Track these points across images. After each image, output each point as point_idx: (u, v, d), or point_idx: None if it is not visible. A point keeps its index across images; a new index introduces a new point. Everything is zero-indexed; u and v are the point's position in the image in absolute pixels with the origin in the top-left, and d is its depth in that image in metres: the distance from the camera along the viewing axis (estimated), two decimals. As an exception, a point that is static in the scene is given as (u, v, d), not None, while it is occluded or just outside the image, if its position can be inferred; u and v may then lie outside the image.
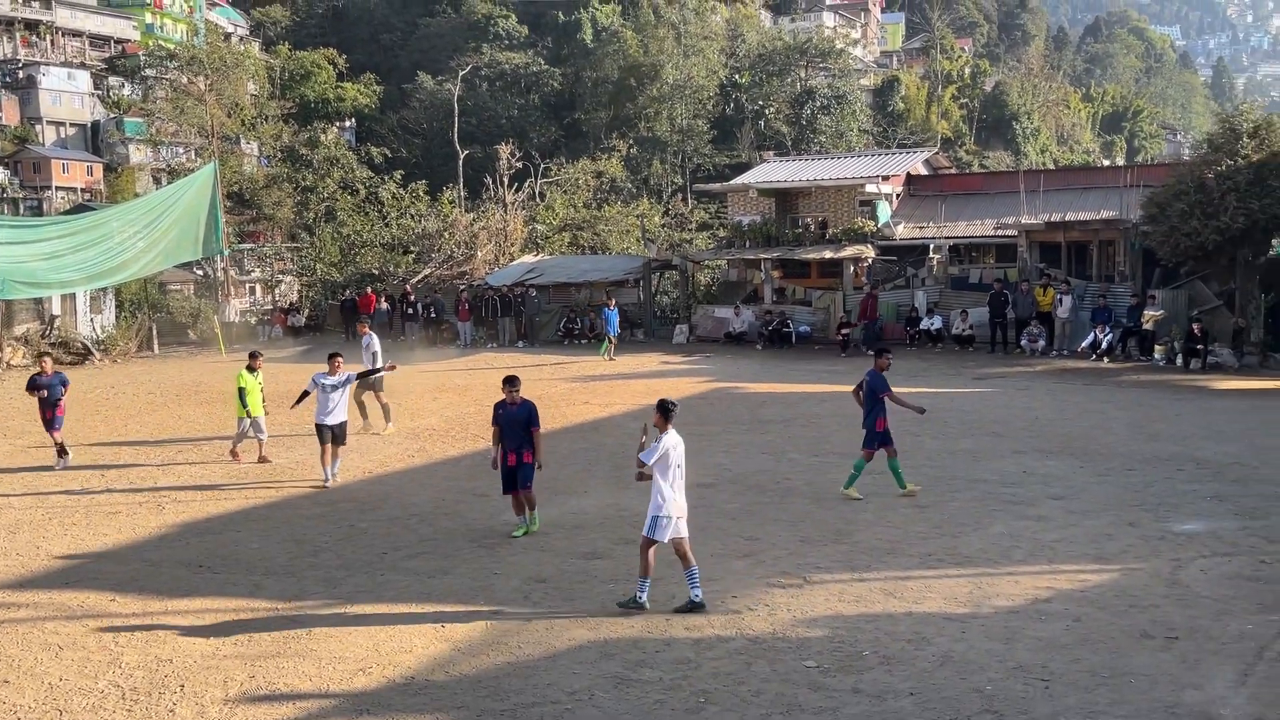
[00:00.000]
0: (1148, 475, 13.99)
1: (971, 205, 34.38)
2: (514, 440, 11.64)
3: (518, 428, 11.66)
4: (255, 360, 16.35)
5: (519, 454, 11.61)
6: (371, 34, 75.77)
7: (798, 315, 31.84)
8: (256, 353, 16.87)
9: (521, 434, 11.64)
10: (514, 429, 11.66)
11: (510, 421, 11.68)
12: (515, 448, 11.63)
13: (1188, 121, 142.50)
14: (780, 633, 8.61)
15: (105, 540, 11.89)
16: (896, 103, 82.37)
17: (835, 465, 14.98)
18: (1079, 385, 22.50)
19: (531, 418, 11.69)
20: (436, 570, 10.52)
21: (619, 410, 20.40)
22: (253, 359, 16.41)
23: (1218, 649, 8.03)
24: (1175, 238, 25.19)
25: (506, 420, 11.67)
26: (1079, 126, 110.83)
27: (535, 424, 11.73)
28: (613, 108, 62.58)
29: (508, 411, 11.69)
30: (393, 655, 8.32)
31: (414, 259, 41.22)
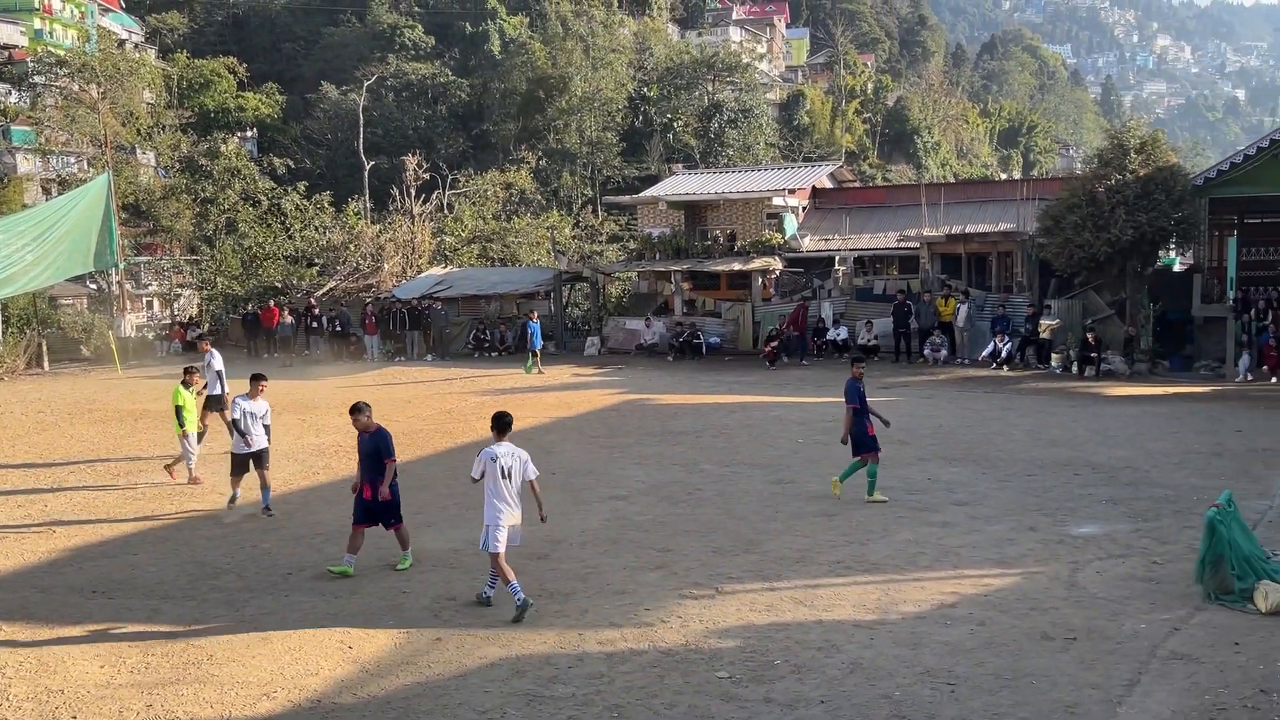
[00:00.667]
0: (1046, 480, 14.39)
1: (875, 218, 35.10)
2: (368, 471, 10.73)
3: (368, 457, 10.74)
4: (191, 376, 15.92)
5: (374, 487, 10.69)
6: (273, 43, 74.28)
7: (708, 326, 32.09)
8: (192, 368, 16.35)
9: (374, 464, 10.70)
10: (366, 460, 10.76)
11: (361, 451, 10.81)
12: (370, 480, 10.72)
13: (1079, 137, 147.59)
14: (693, 644, 8.63)
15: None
16: (802, 117, 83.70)
17: (746, 475, 15.11)
18: (980, 393, 23.08)
19: (380, 448, 10.70)
20: (344, 590, 10.30)
21: (530, 423, 20.26)
22: (188, 374, 15.93)
23: (1113, 649, 8.29)
24: (1069, 249, 26.04)
25: (360, 450, 10.83)
26: (977, 141, 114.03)
27: (388, 454, 10.72)
28: (521, 119, 62.37)
29: (359, 441, 10.85)
30: (298, 678, 8.12)
31: (319, 272, 40.48)
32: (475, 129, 64.17)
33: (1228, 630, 8.59)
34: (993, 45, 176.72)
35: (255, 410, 13.52)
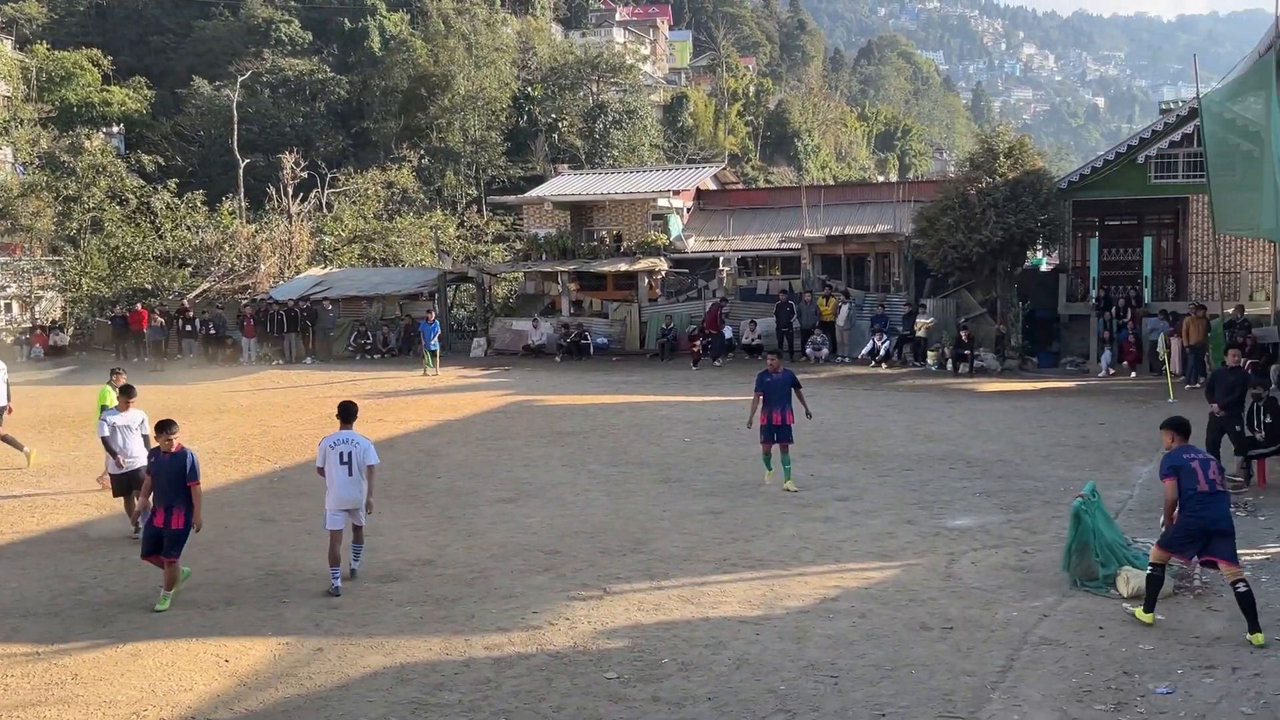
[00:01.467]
0: (924, 475, 14.81)
1: (758, 219, 35.65)
2: (165, 495, 9.84)
3: (170, 481, 9.86)
4: (117, 377, 15.04)
5: (169, 513, 9.79)
6: (141, 35, 71.45)
7: (595, 327, 32.12)
8: (118, 369, 15.58)
9: (174, 489, 9.81)
10: (165, 482, 9.88)
11: (160, 473, 9.93)
12: (166, 504, 9.81)
13: (952, 141, 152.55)
14: (581, 646, 8.61)
15: None
16: (686, 119, 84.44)
17: (634, 475, 15.15)
18: (860, 390, 23.64)
19: (186, 470, 9.87)
20: (219, 601, 9.96)
21: (414, 427, 19.97)
22: (115, 375, 15.12)
23: (987, 636, 8.57)
24: (943, 250, 26.85)
25: (157, 471, 9.98)
26: (855, 144, 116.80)
27: (193, 477, 9.91)
28: (403, 117, 61.37)
29: (159, 461, 9.97)
30: (170, 695, 7.81)
31: (192, 273, 39.15)
32: (355, 127, 62.88)
33: (1093, 615, 8.97)
34: (869, 50, 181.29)
35: (129, 423, 12.58)
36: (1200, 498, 8.56)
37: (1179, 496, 8.62)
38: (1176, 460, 8.78)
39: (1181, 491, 8.63)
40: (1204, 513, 8.54)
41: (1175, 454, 8.88)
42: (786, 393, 14.09)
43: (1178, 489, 8.63)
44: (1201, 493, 8.57)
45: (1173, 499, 8.66)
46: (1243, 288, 28.60)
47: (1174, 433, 9.07)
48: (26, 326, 41.26)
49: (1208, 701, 7.17)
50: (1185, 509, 8.62)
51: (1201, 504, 8.55)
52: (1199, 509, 8.55)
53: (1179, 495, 8.62)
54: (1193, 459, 8.79)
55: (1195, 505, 8.56)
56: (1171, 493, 8.67)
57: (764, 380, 14.17)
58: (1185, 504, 8.63)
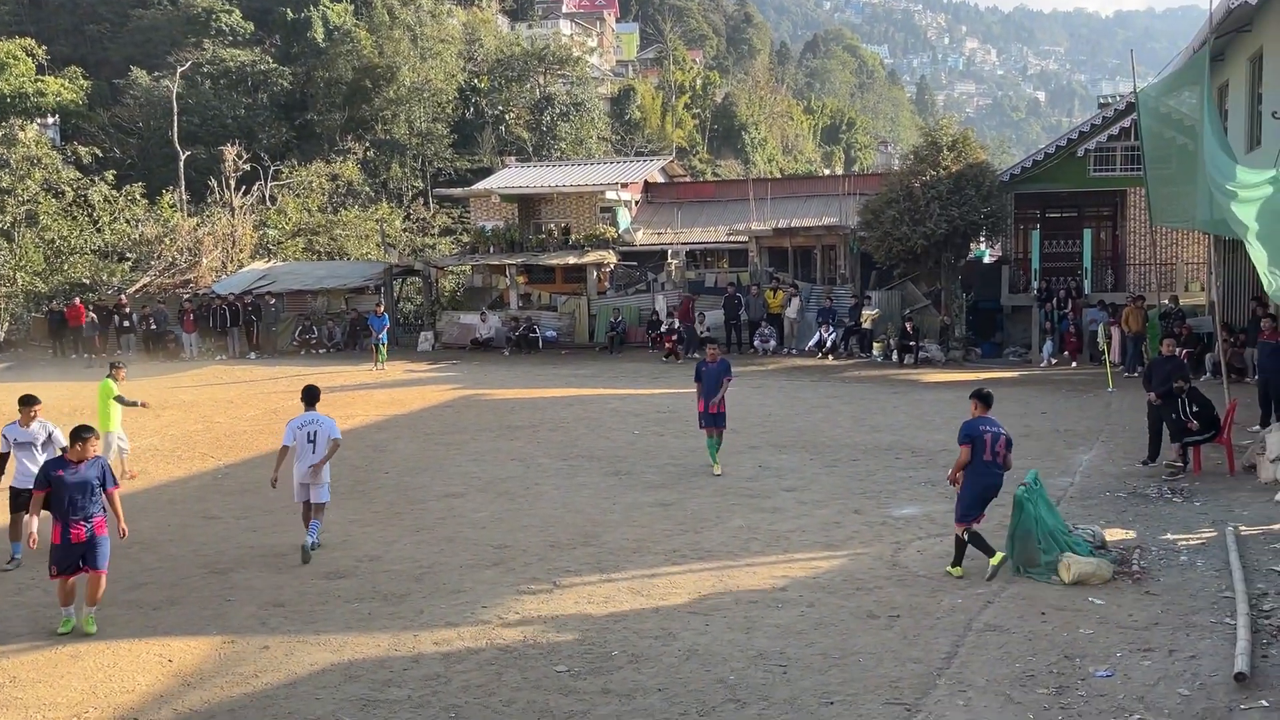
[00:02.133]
0: (870, 465, 14.98)
1: (706, 212, 35.73)
2: (81, 507, 8.88)
3: (87, 490, 8.94)
4: (117, 371, 15.49)
5: (89, 523, 8.88)
6: (76, 24, 69.77)
7: (544, 320, 32.03)
8: (117, 363, 16.07)
9: (92, 498, 8.97)
10: (80, 492, 8.89)
11: (73, 484, 8.90)
12: (84, 516, 8.87)
13: (897, 134, 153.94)
14: (531, 639, 8.59)
15: None
16: (633, 111, 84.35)
17: (584, 469, 15.15)
18: (807, 382, 23.82)
19: (105, 477, 9.09)
20: (163, 601, 9.80)
21: (360, 422, 19.78)
22: (114, 369, 15.56)
23: (933, 624, 8.70)
24: (888, 242, 27.12)
25: (68, 483, 8.91)
26: (802, 137, 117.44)
27: (113, 483, 9.17)
28: (348, 109, 60.56)
29: (70, 472, 8.94)
30: (112, 696, 7.68)
31: (131, 267, 38.36)
32: (299, 119, 61.97)
33: (1035, 601, 9.13)
34: (815, 44, 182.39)
35: (31, 438, 11.25)
36: (985, 466, 9.90)
37: (969, 461, 9.88)
38: (974, 430, 9.97)
39: (972, 458, 9.88)
40: (986, 479, 9.93)
41: (974, 424, 10.06)
42: (719, 382, 14.65)
43: (970, 455, 9.89)
44: (986, 461, 9.89)
45: (964, 462, 9.93)
46: (1179, 279, 29.27)
47: (979, 402, 10.27)
48: (-41, 322, 40.22)
49: (1146, 683, 7.33)
50: (971, 474, 9.91)
51: (985, 470, 9.92)
52: (983, 474, 9.91)
53: (970, 460, 9.88)
54: (986, 431, 9.97)
55: (980, 470, 9.90)
56: (964, 457, 9.93)
57: (700, 369, 14.89)
58: (972, 470, 9.90)
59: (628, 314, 31.38)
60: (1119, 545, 10.52)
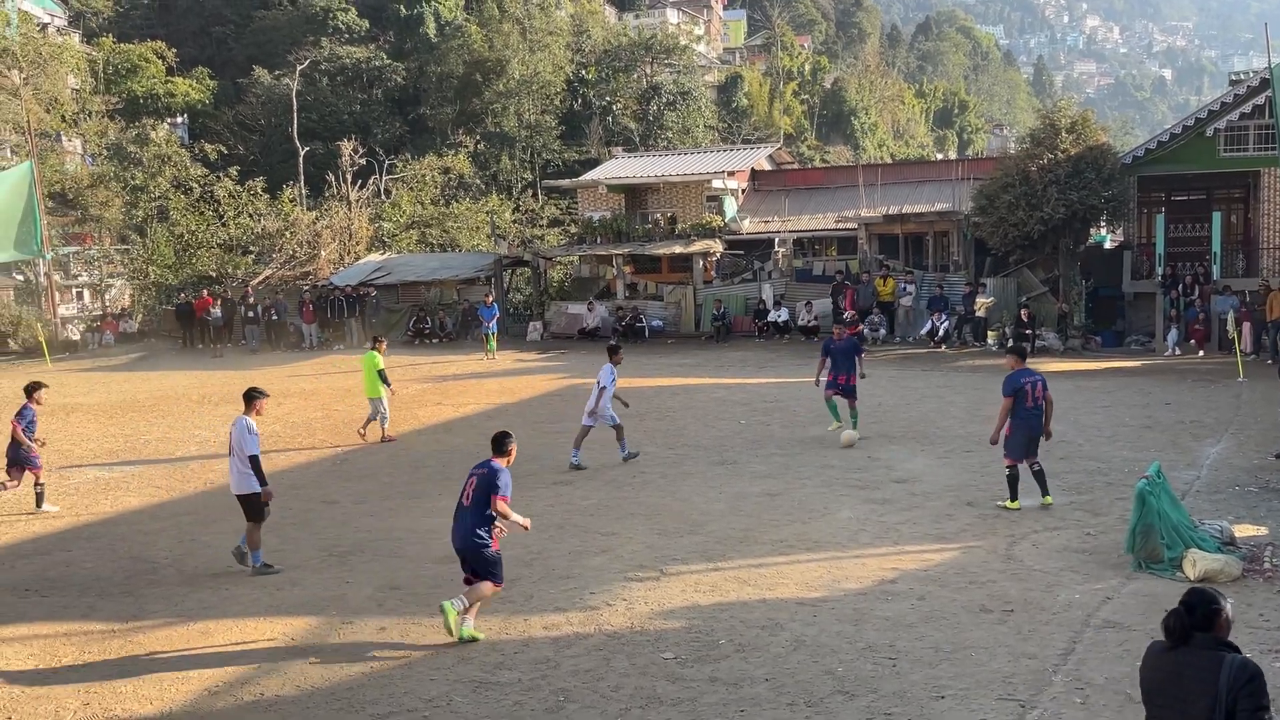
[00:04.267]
0: (984, 456, 14.63)
1: (814, 199, 35.35)
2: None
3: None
4: (380, 345, 17.66)
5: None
6: (203, 26, 72.60)
7: (650, 310, 32.14)
8: (379, 337, 18.40)
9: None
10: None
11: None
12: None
13: (1013, 117, 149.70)
14: (638, 626, 8.67)
15: (-82, 568, 11.07)
16: (740, 99, 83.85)
17: (690, 458, 15.18)
18: (918, 371, 23.41)
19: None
20: (285, 582, 10.18)
21: (472, 410, 20.18)
22: (377, 343, 17.76)
23: (1049, 619, 8.48)
24: (1003, 228, 26.46)
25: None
26: (913, 121, 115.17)
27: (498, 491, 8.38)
28: (459, 103, 61.67)
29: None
30: (240, 671, 8.02)
31: (254, 259, 39.78)
32: (412, 113, 63.37)
33: (1158, 598, 8.82)
34: (927, 26, 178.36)
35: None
36: (1027, 412, 11.50)
37: (1013, 410, 11.44)
38: (1017, 382, 11.49)
39: (1015, 407, 11.43)
40: (1031, 422, 11.50)
41: (1016, 376, 11.56)
42: (850, 358, 15.93)
43: (1014, 405, 11.44)
44: (1028, 409, 11.49)
45: (1006, 410, 11.49)
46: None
47: (1015, 357, 11.98)
48: (97, 314, 42.34)
49: (1276, 686, 7.02)
50: (1016, 421, 11.47)
51: (1028, 415, 11.51)
52: (1026, 419, 11.48)
53: (1013, 409, 11.44)
54: (1025, 382, 11.50)
55: (1024, 416, 11.49)
56: (1007, 407, 11.46)
57: (829, 345, 16.27)
58: (1016, 417, 11.46)
59: (734, 303, 31.27)
60: (1249, 542, 10.10)
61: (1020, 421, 11.52)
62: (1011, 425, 11.53)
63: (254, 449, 10.23)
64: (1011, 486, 11.68)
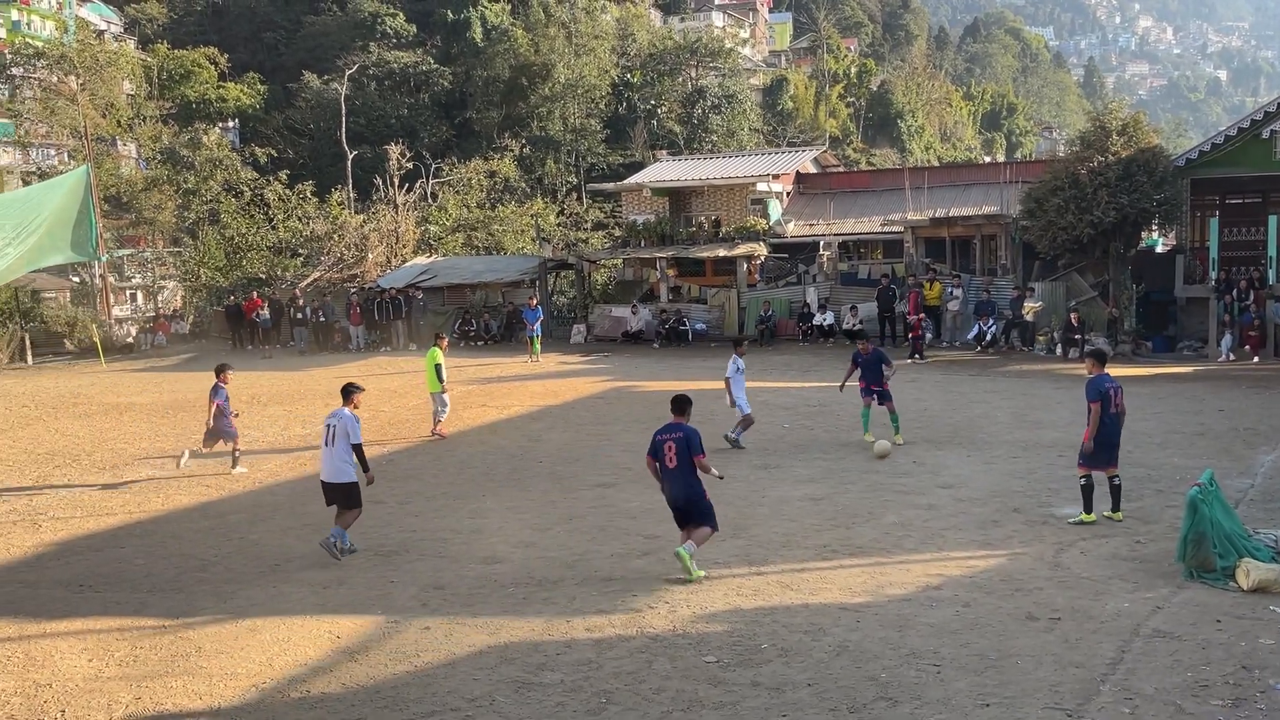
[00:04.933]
0: (1031, 462, 14.48)
1: (859, 202, 35.15)
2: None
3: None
4: (442, 341, 18.28)
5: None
6: (254, 32, 73.78)
7: (694, 313, 32.11)
8: (441, 334, 19.18)
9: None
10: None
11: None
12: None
13: (1062, 119, 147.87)
14: (680, 629, 8.66)
15: (-23, 562, 11.34)
16: (785, 102, 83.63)
17: (733, 461, 15.15)
18: (965, 376, 23.18)
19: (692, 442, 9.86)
20: (332, 581, 10.30)
21: (516, 412, 20.29)
22: (438, 339, 18.42)
23: (1097, 628, 8.36)
24: (1052, 231, 26.13)
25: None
26: (961, 124, 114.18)
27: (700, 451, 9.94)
28: (505, 107, 62.14)
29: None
30: (286, 668, 8.13)
31: (303, 262, 40.31)
32: (458, 117, 63.92)
33: (1210, 608, 8.67)
34: (975, 28, 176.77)
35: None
36: (1111, 418, 11.11)
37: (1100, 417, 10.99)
38: (1102, 387, 11.13)
39: (1101, 412, 11.01)
40: (1111, 429, 11.13)
41: (1100, 380, 11.19)
42: (879, 370, 16.03)
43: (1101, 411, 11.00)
44: (1112, 414, 11.14)
45: (1097, 416, 11.02)
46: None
47: (1095, 361, 11.55)
48: (150, 315, 43.11)
49: (1333, 699, 6.88)
50: (1100, 426, 11.00)
51: (1112, 422, 11.14)
52: (1107, 426, 11.09)
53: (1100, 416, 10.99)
54: (1109, 387, 11.16)
55: (1105, 422, 11.07)
56: (1097, 413, 11.00)
57: (856, 359, 16.37)
58: (1101, 422, 11.01)
59: (778, 306, 31.16)
60: (1304, 552, 9.87)
61: (1103, 428, 11.10)
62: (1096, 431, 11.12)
63: (358, 437, 11.19)
64: (1086, 497, 11.20)
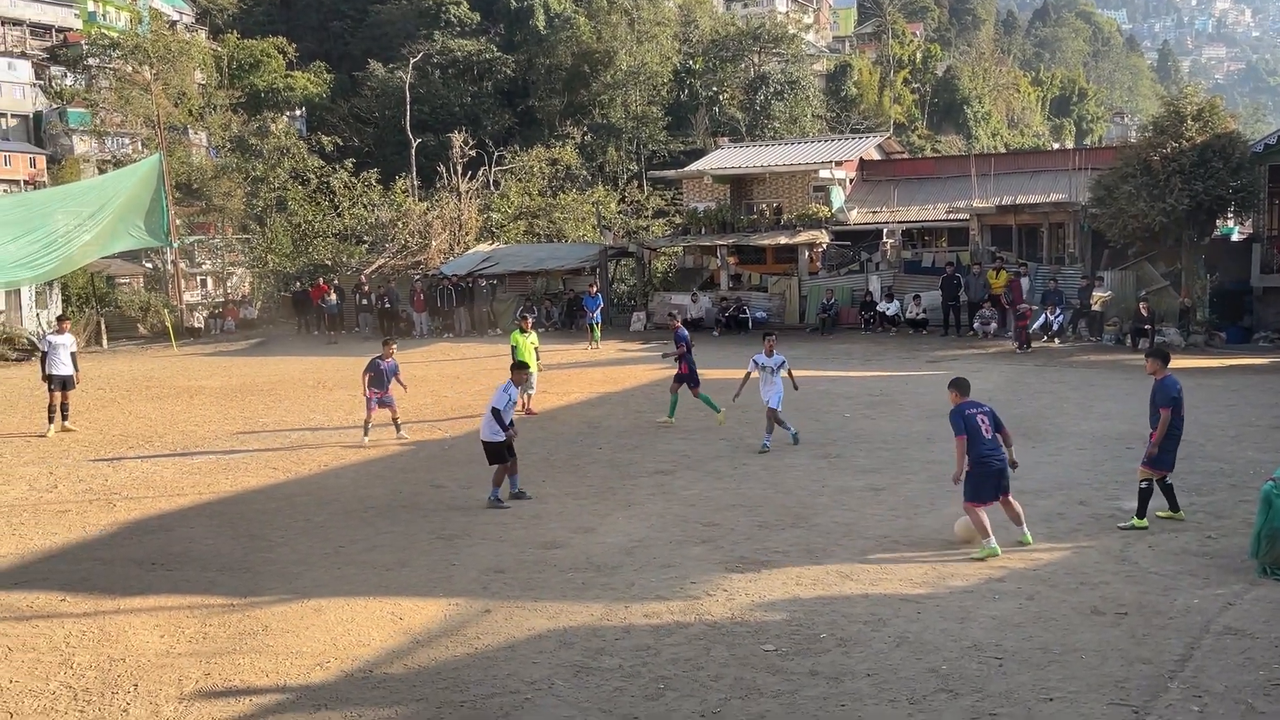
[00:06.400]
0: (1098, 454, 14.21)
1: (924, 189, 34.70)
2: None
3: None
4: (525, 322, 19.22)
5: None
6: (321, 21, 74.77)
7: (754, 301, 31.98)
8: (525, 314, 20.41)
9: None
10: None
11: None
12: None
13: (1134, 104, 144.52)
14: (738, 617, 8.66)
15: (54, 539, 11.69)
16: (849, 88, 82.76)
17: (793, 450, 15.09)
18: (1031, 366, 22.80)
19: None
20: (394, 563, 10.46)
21: (576, 399, 20.38)
22: (523, 320, 19.33)
23: (1165, 624, 8.19)
24: (1123, 219, 25.58)
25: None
26: (1029, 110, 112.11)
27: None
28: (567, 94, 62.30)
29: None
30: (350, 649, 8.27)
31: (367, 249, 40.85)
32: (521, 105, 64.23)
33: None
34: (1045, 12, 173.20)
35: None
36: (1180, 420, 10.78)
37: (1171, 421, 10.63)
38: (1176, 389, 10.76)
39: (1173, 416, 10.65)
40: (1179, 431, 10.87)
41: (1174, 382, 10.87)
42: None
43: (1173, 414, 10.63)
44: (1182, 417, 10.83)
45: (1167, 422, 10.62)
46: None
47: (1160, 360, 11.14)
48: (219, 301, 44.02)
49: None
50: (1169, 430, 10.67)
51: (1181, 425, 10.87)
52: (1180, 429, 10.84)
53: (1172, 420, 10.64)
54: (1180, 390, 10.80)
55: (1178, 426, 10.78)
56: (1167, 419, 10.62)
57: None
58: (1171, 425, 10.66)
59: (840, 295, 30.91)
60: (1385, 550, 9.57)
61: (1172, 430, 10.69)
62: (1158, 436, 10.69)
63: (496, 404, 12.47)
64: (1143, 501, 10.73)
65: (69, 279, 35.00)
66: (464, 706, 7.21)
